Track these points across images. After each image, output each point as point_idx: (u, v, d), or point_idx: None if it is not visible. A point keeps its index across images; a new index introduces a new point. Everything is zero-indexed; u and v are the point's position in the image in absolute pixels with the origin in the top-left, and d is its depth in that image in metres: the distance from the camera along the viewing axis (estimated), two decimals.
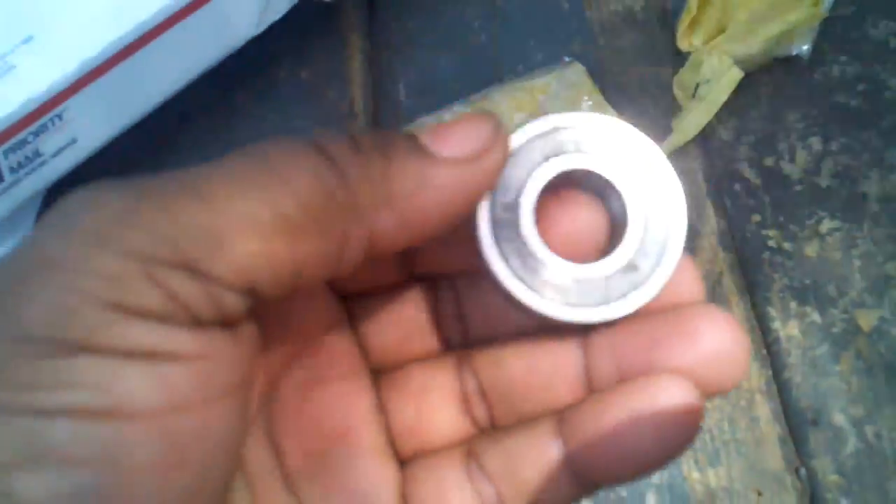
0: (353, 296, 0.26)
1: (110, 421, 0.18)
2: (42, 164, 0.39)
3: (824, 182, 0.44)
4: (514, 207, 0.23)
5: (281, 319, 0.24)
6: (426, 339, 0.26)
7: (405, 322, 0.26)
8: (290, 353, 0.25)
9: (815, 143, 0.45)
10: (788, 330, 0.41)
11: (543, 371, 0.24)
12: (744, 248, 0.42)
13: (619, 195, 0.23)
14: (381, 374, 0.26)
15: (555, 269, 0.23)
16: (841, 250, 0.42)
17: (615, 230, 0.24)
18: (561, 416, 0.24)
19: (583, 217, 0.24)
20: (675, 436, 0.22)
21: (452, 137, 0.22)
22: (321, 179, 0.20)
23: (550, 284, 0.23)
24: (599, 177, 0.24)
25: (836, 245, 0.42)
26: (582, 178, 0.24)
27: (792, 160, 0.44)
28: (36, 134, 0.38)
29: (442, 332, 0.26)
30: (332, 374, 0.25)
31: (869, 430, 0.39)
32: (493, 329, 0.25)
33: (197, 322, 0.19)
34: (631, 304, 0.23)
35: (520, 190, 0.23)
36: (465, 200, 0.22)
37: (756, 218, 0.43)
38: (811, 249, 0.42)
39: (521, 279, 0.23)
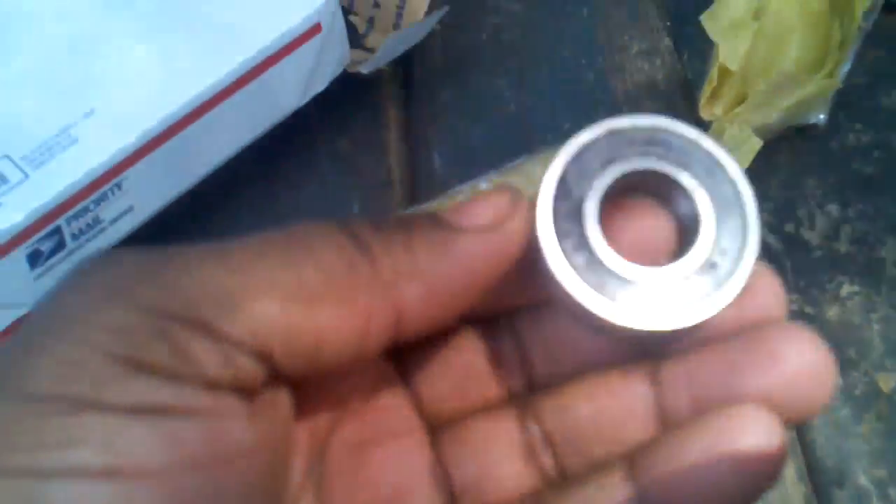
0: (403, 345, 0.24)
1: (114, 479, 0.18)
2: (101, 230, 0.42)
3: (843, 248, 0.46)
4: (576, 217, 0.22)
5: (323, 378, 0.23)
6: (485, 386, 0.25)
7: (461, 370, 0.25)
8: (338, 412, 0.24)
9: (834, 209, 0.47)
10: None
11: (612, 411, 0.23)
12: None
13: (686, 193, 0.22)
14: (438, 428, 0.25)
15: (630, 276, 0.22)
16: (860, 314, 0.44)
17: (684, 232, 0.23)
18: (633, 459, 0.22)
19: (649, 222, 0.23)
20: (757, 475, 0.20)
21: (472, 210, 0.22)
22: (343, 250, 0.21)
23: (627, 294, 0.22)
24: (664, 176, 0.23)
25: (855, 309, 0.44)
26: (644, 181, 0.23)
27: (812, 226, 0.46)
28: (97, 202, 0.41)
29: (502, 377, 0.25)
30: (386, 432, 0.24)
31: (892, 492, 0.40)
32: (556, 367, 0.24)
33: (208, 380, 0.19)
34: (715, 304, 0.22)
35: (581, 198, 0.22)
36: (491, 268, 0.22)
37: None
38: (832, 313, 0.44)
39: (595, 293, 0.22)
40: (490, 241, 0.22)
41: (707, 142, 0.23)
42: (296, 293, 0.20)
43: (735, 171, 0.22)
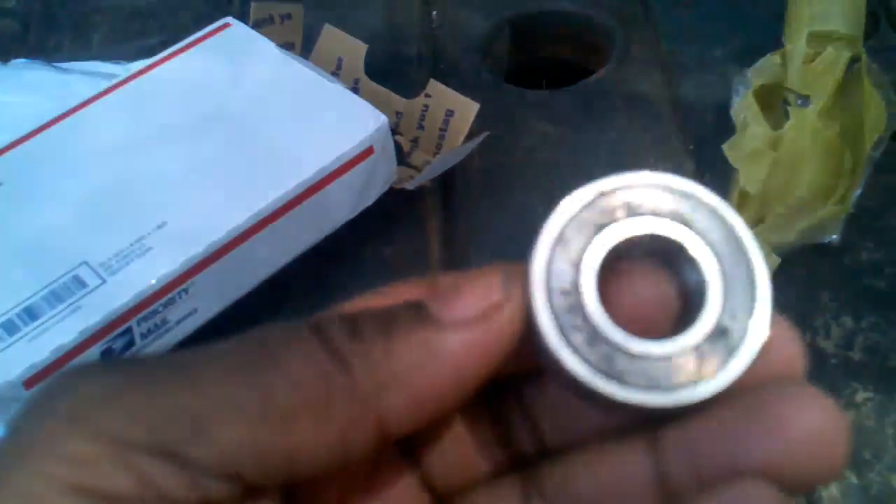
0: None
1: None
2: (167, 330, 0.45)
3: (857, 356, 0.49)
4: (574, 291, 0.21)
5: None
6: (493, 456, 0.24)
7: (468, 441, 0.23)
8: (340, 494, 0.23)
9: (848, 321, 0.50)
10: (830, 492, 0.44)
11: (613, 483, 0.22)
12: None
13: (689, 257, 0.21)
14: (446, 501, 0.24)
15: (637, 350, 0.20)
16: (874, 419, 0.47)
17: (688, 298, 0.21)
18: None
19: (649, 290, 0.22)
20: None
21: (460, 298, 0.20)
22: (316, 361, 0.19)
23: (634, 370, 0.20)
24: (664, 239, 0.21)
25: (869, 414, 0.47)
26: (641, 245, 0.21)
27: (827, 336, 0.49)
28: (165, 305, 0.44)
29: (510, 447, 0.24)
30: None
31: None
32: (565, 435, 0.23)
33: (175, 503, 0.18)
34: (729, 373, 0.20)
35: (577, 270, 0.21)
36: (479, 365, 0.20)
37: None
38: (848, 418, 0.46)
39: (600, 371, 0.20)
40: (480, 335, 0.20)
41: (701, 191, 0.21)
42: (265, 413, 0.19)
43: (740, 223, 0.21)
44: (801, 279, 0.51)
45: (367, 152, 0.48)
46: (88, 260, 0.44)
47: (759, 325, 0.20)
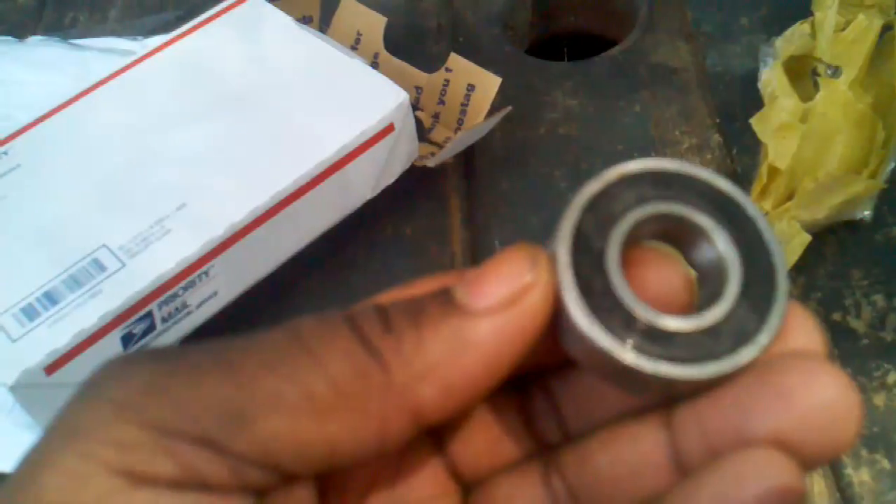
0: None
1: None
2: (188, 314, 0.45)
3: (889, 336, 0.48)
4: (599, 270, 0.21)
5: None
6: (519, 443, 0.24)
7: (494, 428, 0.24)
8: (369, 478, 0.24)
9: (880, 299, 0.49)
10: (861, 476, 0.44)
11: (629, 460, 0.22)
12: None
13: (707, 236, 0.22)
14: (472, 488, 0.24)
15: (672, 326, 0.21)
16: None
17: (705, 280, 0.22)
18: None
19: (670, 271, 0.22)
20: None
21: (487, 284, 0.20)
22: (352, 357, 0.20)
23: (669, 345, 0.20)
24: (681, 219, 0.22)
25: None
26: (660, 227, 0.22)
27: (858, 315, 0.48)
28: (185, 289, 0.44)
29: (535, 434, 0.24)
30: (419, 499, 0.24)
31: None
32: (589, 421, 0.23)
33: (214, 489, 0.19)
34: (754, 347, 0.20)
35: (602, 252, 0.21)
36: (510, 351, 0.21)
37: None
38: (879, 400, 0.46)
39: (635, 349, 0.20)
40: (510, 320, 0.20)
41: (720, 182, 0.22)
42: (304, 406, 0.20)
43: (759, 217, 0.22)
44: (832, 256, 0.50)
45: (388, 129, 0.48)
46: (108, 243, 0.44)
47: (779, 304, 0.21)
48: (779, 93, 0.50)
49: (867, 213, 0.49)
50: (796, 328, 0.21)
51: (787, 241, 0.46)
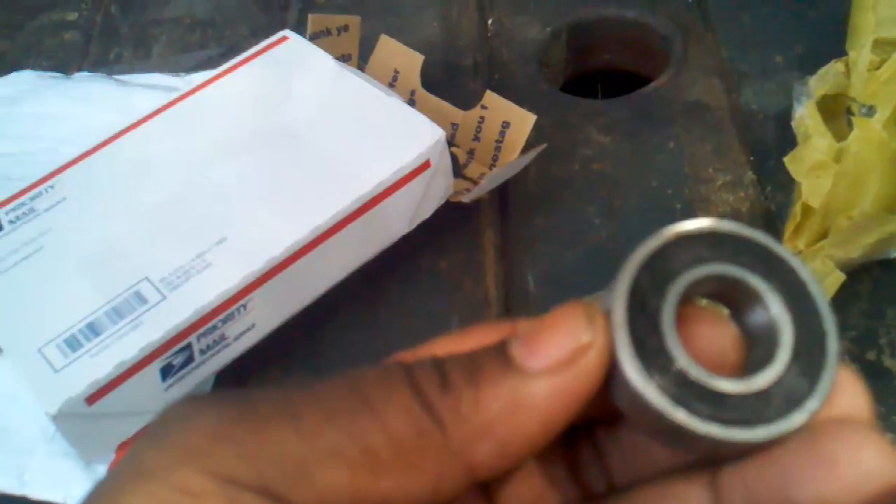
0: None
1: None
2: (225, 346, 0.46)
3: None
4: (654, 325, 0.21)
5: None
6: (564, 494, 0.24)
7: (541, 478, 0.24)
8: None
9: None
10: None
11: None
12: None
13: (763, 303, 0.22)
14: None
15: (725, 388, 0.21)
16: None
17: (756, 341, 0.22)
18: None
19: (720, 331, 0.22)
20: None
21: (544, 342, 0.21)
22: (411, 416, 0.20)
23: (721, 407, 0.21)
24: (742, 284, 0.22)
25: None
26: (719, 287, 0.22)
27: (893, 355, 0.48)
28: (224, 321, 0.45)
29: (581, 484, 0.24)
30: None
31: None
32: (634, 474, 0.24)
33: None
34: (804, 412, 0.21)
35: (657, 312, 0.21)
36: (565, 410, 0.21)
37: None
38: None
39: (689, 411, 0.20)
40: (566, 381, 0.21)
41: (774, 245, 0.22)
42: (363, 461, 0.20)
43: (811, 280, 0.22)
44: (866, 294, 0.50)
45: (425, 166, 0.48)
46: (149, 276, 0.45)
47: (828, 371, 0.21)
48: (812, 131, 0.50)
49: None
50: (844, 392, 0.21)
51: (822, 280, 0.47)
